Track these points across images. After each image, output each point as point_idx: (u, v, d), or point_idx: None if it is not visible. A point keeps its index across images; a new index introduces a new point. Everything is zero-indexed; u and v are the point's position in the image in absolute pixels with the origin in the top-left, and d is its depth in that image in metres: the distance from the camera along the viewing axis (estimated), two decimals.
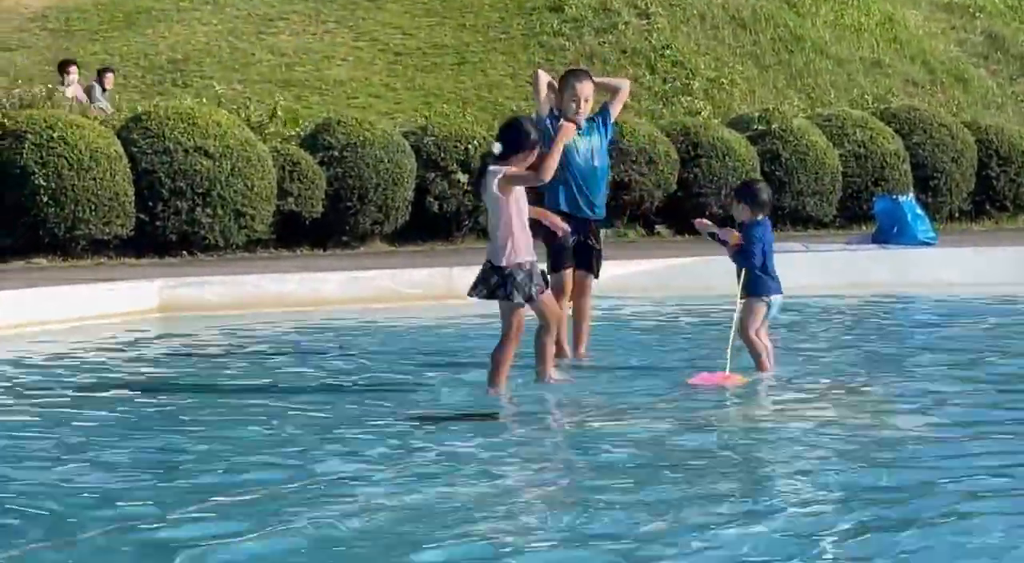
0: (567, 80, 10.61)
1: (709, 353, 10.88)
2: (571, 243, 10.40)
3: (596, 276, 10.78)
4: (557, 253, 10.44)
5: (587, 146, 10.53)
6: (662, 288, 15.39)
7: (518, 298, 8.96)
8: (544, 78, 10.68)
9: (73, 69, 22.18)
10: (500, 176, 8.90)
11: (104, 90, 22.90)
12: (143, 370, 11.06)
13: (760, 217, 10.08)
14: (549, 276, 9.91)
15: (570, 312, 10.80)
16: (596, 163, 10.59)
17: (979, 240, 19.77)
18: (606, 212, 11.14)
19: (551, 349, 9.51)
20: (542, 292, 9.12)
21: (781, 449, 8.02)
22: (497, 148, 8.94)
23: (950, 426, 8.39)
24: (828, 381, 9.93)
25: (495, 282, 8.98)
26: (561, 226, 9.98)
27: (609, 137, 10.87)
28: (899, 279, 16.08)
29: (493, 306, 9.34)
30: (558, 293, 10.21)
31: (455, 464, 7.28)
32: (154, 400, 9.54)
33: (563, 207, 10.40)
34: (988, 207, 23.22)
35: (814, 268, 15.95)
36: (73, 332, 12.77)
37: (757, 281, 9.91)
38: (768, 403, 9.41)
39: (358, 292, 14.84)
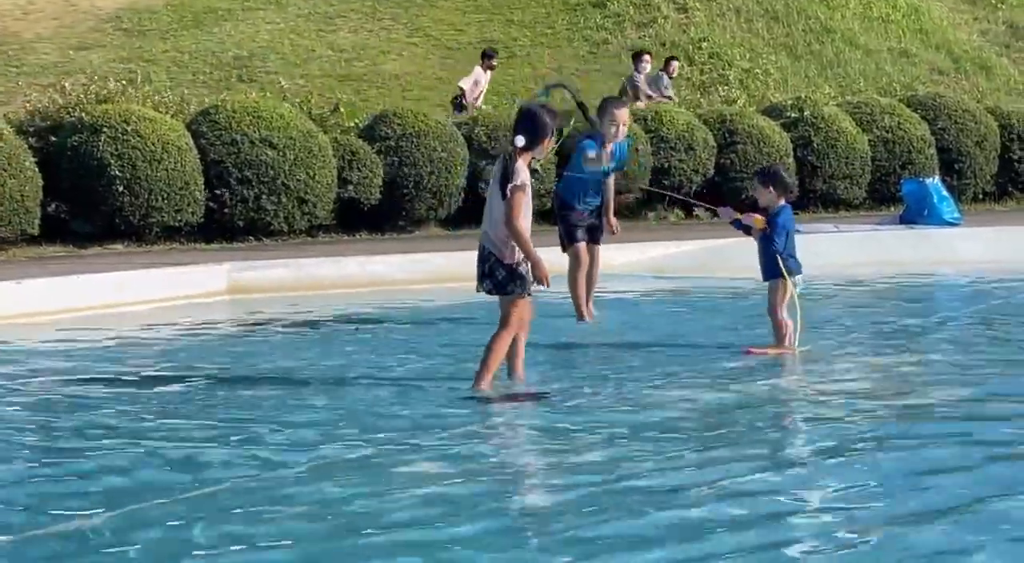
0: (606, 107, 11.90)
1: (743, 328, 10.88)
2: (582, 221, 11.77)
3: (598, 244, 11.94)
4: (571, 230, 11.69)
5: (598, 160, 11.70)
6: (702, 268, 15.38)
7: (529, 290, 8.63)
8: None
9: (647, 58, 22.87)
10: (512, 185, 8.46)
11: (671, 78, 23.31)
12: (215, 347, 11.14)
13: (782, 201, 10.06)
14: (567, 249, 11.58)
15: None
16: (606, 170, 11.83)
17: (1002, 220, 19.65)
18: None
19: (501, 356, 8.71)
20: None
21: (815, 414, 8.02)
22: (520, 141, 8.50)
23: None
24: (856, 352, 9.94)
25: (503, 277, 8.55)
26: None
27: (621, 158, 12.12)
28: (926, 257, 16.00)
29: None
30: (578, 262, 11.65)
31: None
32: (218, 378, 9.62)
33: (574, 203, 11.78)
34: (1011, 189, 23.07)
35: (845, 248, 15.91)
36: (149, 313, 12.85)
37: (784, 263, 9.91)
38: (798, 376, 9.41)
39: (416, 274, 14.91)
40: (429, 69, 24.97)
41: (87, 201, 17.30)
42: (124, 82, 19.62)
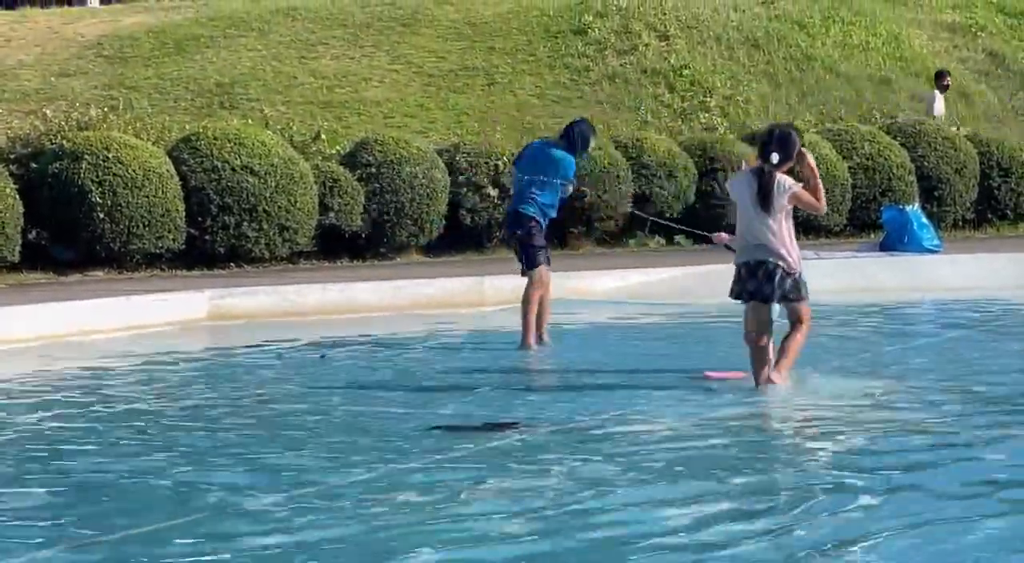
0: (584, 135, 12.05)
1: (725, 353, 10.91)
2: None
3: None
4: (535, 253, 11.81)
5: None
6: (682, 294, 15.40)
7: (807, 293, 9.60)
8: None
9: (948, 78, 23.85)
10: (790, 192, 9.43)
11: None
12: (191, 374, 11.14)
13: None
14: (529, 273, 11.77)
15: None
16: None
17: (981, 247, 19.72)
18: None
19: (799, 351, 9.71)
20: None
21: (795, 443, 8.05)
22: (776, 158, 9.35)
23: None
24: (839, 378, 10.00)
25: (790, 285, 9.43)
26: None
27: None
28: (906, 284, 16.04)
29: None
30: (541, 285, 11.75)
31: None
32: (196, 406, 9.62)
33: (543, 225, 11.91)
34: (990, 216, 23.14)
35: (825, 274, 15.95)
36: (130, 340, 12.84)
37: None
38: (780, 403, 9.44)
39: (394, 300, 14.93)
40: (411, 96, 24.98)
41: (68, 228, 17.28)
42: (106, 109, 19.61)
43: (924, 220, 19.49)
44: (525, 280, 11.91)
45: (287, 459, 7.68)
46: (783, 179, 9.45)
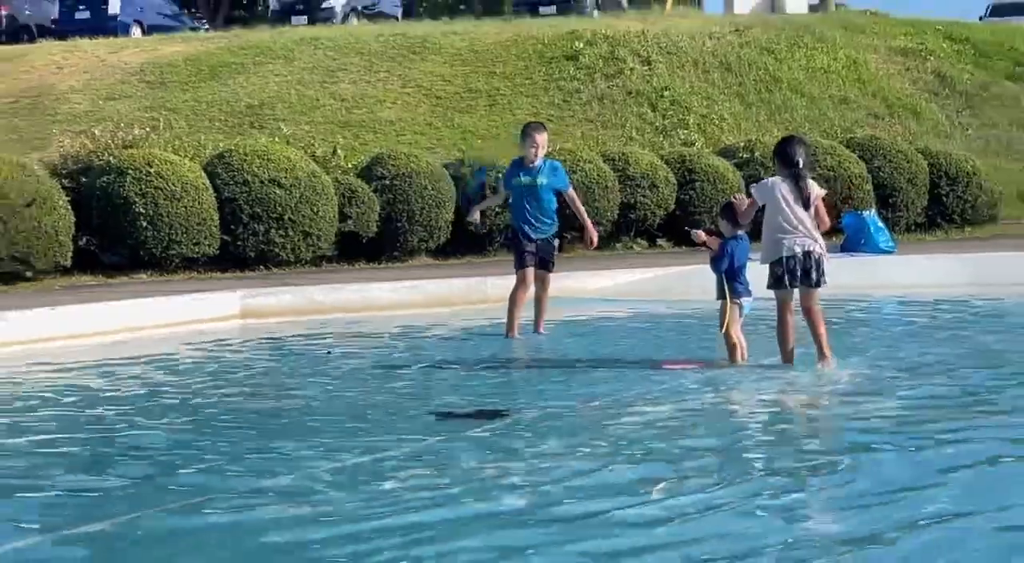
0: (526, 131, 11.98)
1: (698, 346, 10.90)
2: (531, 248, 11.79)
3: (549, 271, 12.00)
4: (521, 256, 11.74)
5: (535, 184, 11.75)
6: (664, 292, 15.40)
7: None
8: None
9: None
10: (822, 194, 9.78)
11: None
12: (229, 366, 11.15)
13: (738, 232, 10.14)
14: (516, 272, 11.72)
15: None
16: (543, 199, 11.81)
17: (932, 249, 19.71)
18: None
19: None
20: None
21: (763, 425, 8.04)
22: (802, 161, 9.70)
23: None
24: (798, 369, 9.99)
25: (824, 270, 9.67)
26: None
27: (559, 184, 12.01)
28: (864, 282, 16.02)
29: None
30: (524, 284, 11.65)
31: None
32: (231, 395, 9.63)
33: (526, 230, 11.76)
34: (939, 220, 23.10)
35: None
36: (170, 335, 12.86)
37: (730, 286, 9.97)
38: (740, 388, 9.44)
39: (405, 298, 14.93)
40: (420, 116, 25.00)
41: (114, 235, 17.30)
42: (148, 129, 19.64)
43: (880, 224, 19.51)
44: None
45: (306, 438, 7.69)
46: (813, 183, 9.83)
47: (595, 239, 12.14)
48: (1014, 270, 16.16)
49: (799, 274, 9.61)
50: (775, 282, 9.71)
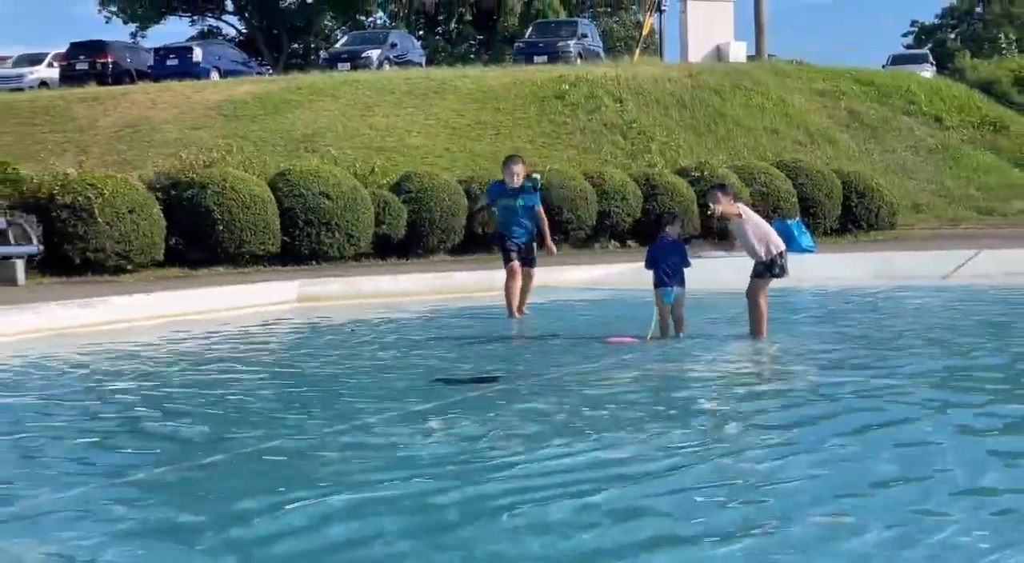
0: (505, 162, 12.08)
1: (641, 324, 10.92)
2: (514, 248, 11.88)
3: (532, 267, 12.03)
4: (507, 253, 11.83)
5: (515, 203, 11.87)
6: (631, 282, 15.40)
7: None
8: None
9: None
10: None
11: None
12: (288, 341, 11.18)
13: (660, 235, 10.27)
14: (506, 266, 11.76)
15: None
16: (521, 214, 11.92)
17: (844, 249, 19.73)
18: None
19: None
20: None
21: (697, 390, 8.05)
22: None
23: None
24: (728, 343, 10.00)
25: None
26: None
27: (531, 203, 11.98)
28: (792, 275, 16.02)
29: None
30: (513, 274, 11.70)
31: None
32: (302, 364, 9.65)
33: (507, 235, 11.94)
34: (850, 226, 23.17)
35: (731, 269, 15.93)
36: (242, 316, 12.89)
37: (655, 278, 10.10)
38: (679, 358, 9.44)
39: (428, 287, 14.95)
40: (440, 143, 25.01)
41: (197, 237, 17.35)
42: (223, 152, 19.68)
43: (803, 229, 19.53)
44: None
45: (338, 399, 7.70)
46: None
47: (552, 249, 12.17)
48: (909, 265, 16.20)
49: (785, 267, 9.98)
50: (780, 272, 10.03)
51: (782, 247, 9.99)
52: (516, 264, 11.81)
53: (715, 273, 12.86)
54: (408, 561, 4.42)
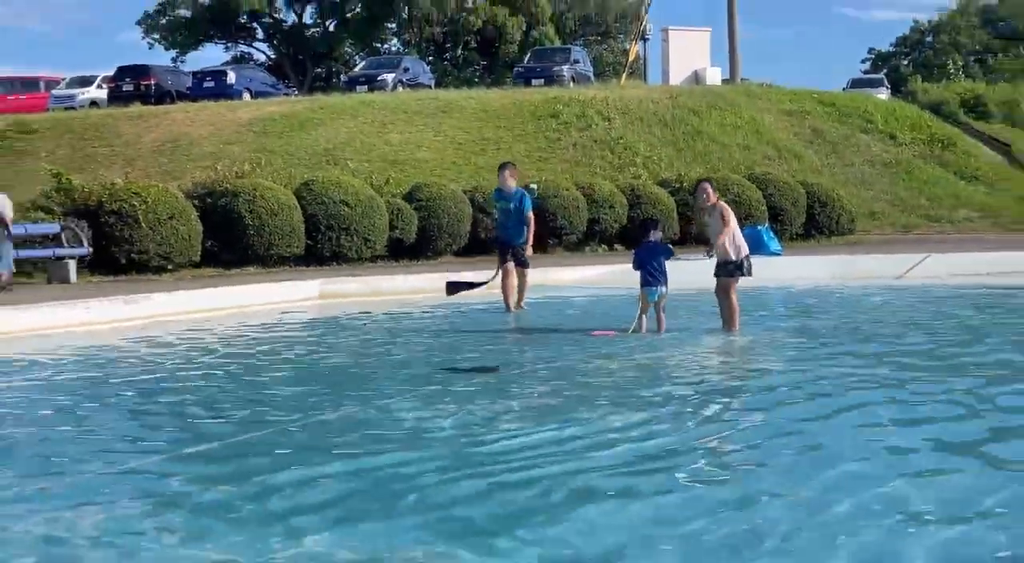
0: (500, 170, 12.10)
1: (625, 321, 10.91)
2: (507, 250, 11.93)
3: (524, 267, 12.04)
4: (502, 255, 11.91)
5: (508, 206, 11.91)
6: (617, 282, 15.40)
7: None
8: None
9: None
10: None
11: None
12: (311, 333, 11.18)
13: (643, 240, 10.28)
14: (501, 267, 11.75)
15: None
16: (514, 216, 11.98)
17: (808, 252, 19.73)
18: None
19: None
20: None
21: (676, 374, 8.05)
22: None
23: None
24: (704, 338, 10.00)
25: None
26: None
27: (523, 207, 11.96)
28: (759, 276, 16.00)
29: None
30: (507, 274, 11.72)
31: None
32: (322, 351, 9.65)
33: (502, 237, 12.02)
34: (813, 232, 23.16)
35: (703, 271, 15.92)
36: (270, 311, 12.89)
37: (641, 278, 10.09)
38: (658, 351, 9.44)
39: (437, 285, 14.91)
40: (448, 157, 25.00)
41: (230, 240, 17.35)
42: (254, 165, 19.67)
43: (772, 234, 19.54)
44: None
45: (354, 384, 7.71)
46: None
47: (527, 251, 12.16)
48: (867, 266, 16.24)
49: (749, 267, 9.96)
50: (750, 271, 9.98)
51: (747, 251, 10.00)
52: (510, 265, 11.91)
53: (694, 274, 12.85)
54: (433, 517, 4.44)
